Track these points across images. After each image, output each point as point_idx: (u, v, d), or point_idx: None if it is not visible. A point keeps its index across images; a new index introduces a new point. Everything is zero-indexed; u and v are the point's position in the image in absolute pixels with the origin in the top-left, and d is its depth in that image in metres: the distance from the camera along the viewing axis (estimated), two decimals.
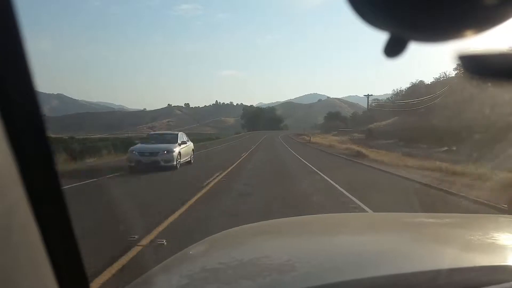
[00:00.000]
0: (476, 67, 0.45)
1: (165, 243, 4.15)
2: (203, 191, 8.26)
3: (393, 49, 0.45)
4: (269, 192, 8.59)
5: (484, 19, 0.40)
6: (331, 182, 10.00)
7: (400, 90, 62.64)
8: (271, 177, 11.50)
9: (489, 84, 0.47)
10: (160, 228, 5.00)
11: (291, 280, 0.88)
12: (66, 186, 7.34)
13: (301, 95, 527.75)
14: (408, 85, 48.43)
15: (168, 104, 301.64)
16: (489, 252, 1.09)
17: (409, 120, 35.94)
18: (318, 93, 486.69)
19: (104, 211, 5.64)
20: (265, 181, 10.63)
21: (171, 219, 5.57)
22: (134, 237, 4.33)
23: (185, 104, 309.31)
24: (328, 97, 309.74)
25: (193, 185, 9.03)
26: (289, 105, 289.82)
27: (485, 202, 7.04)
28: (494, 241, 1.24)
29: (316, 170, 13.13)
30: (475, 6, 0.38)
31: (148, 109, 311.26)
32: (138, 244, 4.20)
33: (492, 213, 6.00)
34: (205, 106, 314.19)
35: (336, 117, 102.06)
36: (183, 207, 6.40)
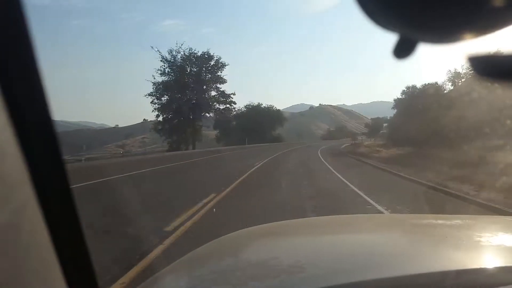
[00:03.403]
0: (486, 68, 0.43)
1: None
2: None
3: (403, 50, 0.44)
4: None
5: (493, 20, 0.39)
6: None
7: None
8: None
9: (498, 85, 0.46)
10: None
11: (300, 282, 0.87)
12: None
13: (288, 106, 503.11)
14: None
15: (144, 119, 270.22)
16: (497, 253, 1.06)
17: None
18: (305, 103, 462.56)
19: None
20: None
21: None
22: None
23: None
24: (320, 104, 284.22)
25: None
26: (278, 114, 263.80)
27: None
28: (502, 242, 1.21)
29: None
30: (484, 7, 0.37)
31: (122, 125, 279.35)
32: None
33: None
34: None
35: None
36: None
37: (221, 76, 48.39)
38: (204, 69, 46.88)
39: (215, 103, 50.21)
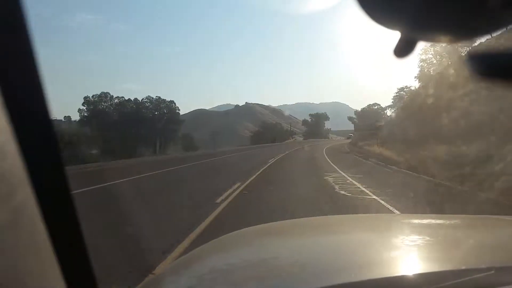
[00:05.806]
0: (485, 68, 0.42)
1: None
2: None
3: (404, 49, 0.44)
4: None
5: (493, 21, 0.39)
6: None
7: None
8: None
9: (498, 85, 0.44)
10: None
11: (300, 281, 0.88)
12: None
13: (214, 106, 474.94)
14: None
15: None
16: (497, 253, 1.06)
17: None
18: (231, 103, 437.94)
19: None
20: None
21: None
22: None
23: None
24: (246, 102, 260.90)
25: None
26: (200, 114, 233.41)
27: None
28: (500, 242, 1.20)
29: None
30: (483, 8, 0.37)
31: None
32: None
33: None
34: None
35: None
36: None
37: None
38: None
39: None
